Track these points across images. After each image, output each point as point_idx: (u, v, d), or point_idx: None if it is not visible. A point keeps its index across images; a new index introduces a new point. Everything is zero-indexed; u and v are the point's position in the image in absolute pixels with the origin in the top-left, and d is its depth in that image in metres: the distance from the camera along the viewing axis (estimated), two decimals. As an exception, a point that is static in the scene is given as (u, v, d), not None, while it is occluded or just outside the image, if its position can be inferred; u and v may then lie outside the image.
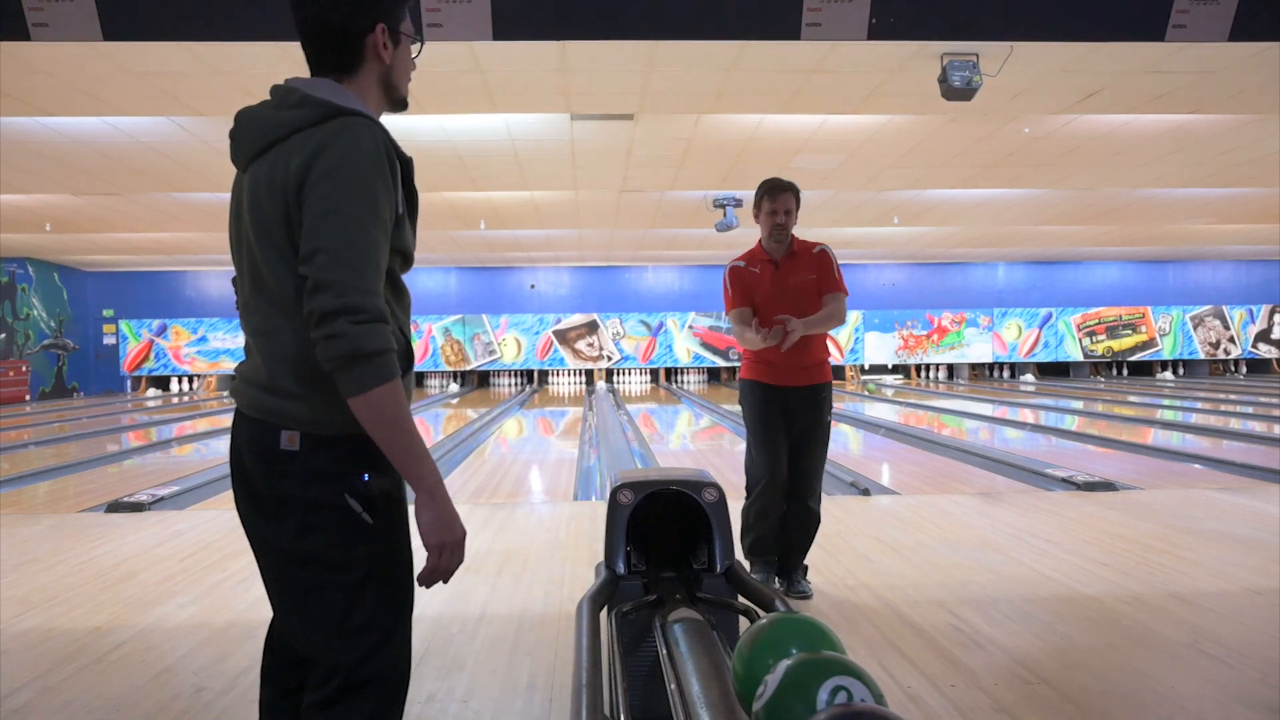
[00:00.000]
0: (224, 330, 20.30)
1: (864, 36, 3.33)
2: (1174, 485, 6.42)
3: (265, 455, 1.52)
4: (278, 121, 1.50)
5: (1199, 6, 3.31)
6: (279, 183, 1.45)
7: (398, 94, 1.63)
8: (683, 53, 6.05)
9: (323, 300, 1.38)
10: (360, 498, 1.50)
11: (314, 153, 1.43)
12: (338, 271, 1.38)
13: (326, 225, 1.40)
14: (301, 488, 1.50)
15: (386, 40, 1.56)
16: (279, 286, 1.48)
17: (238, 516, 1.64)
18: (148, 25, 3.31)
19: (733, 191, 11.90)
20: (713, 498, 2.34)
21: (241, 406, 1.59)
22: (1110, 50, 6.06)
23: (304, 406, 1.50)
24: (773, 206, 3.75)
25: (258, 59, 6.07)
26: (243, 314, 1.60)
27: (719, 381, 20.86)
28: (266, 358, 1.52)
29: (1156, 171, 10.57)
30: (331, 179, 1.41)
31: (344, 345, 1.37)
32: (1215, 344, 21.35)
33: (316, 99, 1.49)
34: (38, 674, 3.02)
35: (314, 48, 1.56)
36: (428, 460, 1.46)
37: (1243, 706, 2.60)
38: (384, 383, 1.39)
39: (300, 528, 1.51)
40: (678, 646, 1.79)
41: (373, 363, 1.38)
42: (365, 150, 1.43)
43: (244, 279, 1.58)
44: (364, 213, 1.41)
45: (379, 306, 1.40)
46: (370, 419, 1.41)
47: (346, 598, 1.51)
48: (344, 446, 1.51)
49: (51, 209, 12.22)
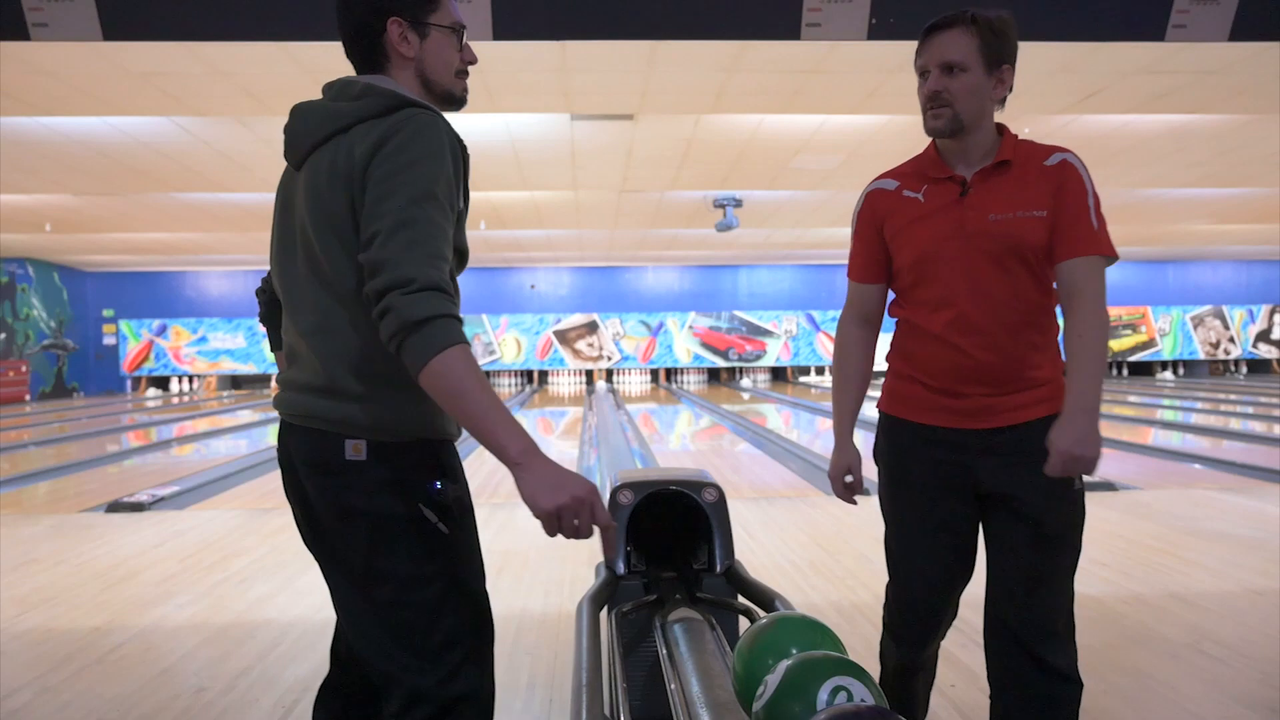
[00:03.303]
0: (224, 330, 20.29)
1: (864, 36, 3.33)
2: (1174, 485, 6.42)
3: (327, 468, 1.43)
4: (339, 112, 1.45)
5: (1199, 6, 3.31)
6: (342, 171, 1.40)
7: (439, 89, 1.54)
8: (683, 53, 6.04)
9: (376, 280, 1.31)
10: (435, 507, 1.41)
11: (378, 141, 1.38)
12: (391, 249, 1.31)
13: (383, 208, 1.34)
14: (370, 500, 1.40)
15: (406, 33, 1.49)
16: (340, 278, 1.41)
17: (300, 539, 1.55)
18: (148, 25, 3.31)
19: (733, 191, 11.90)
20: (713, 498, 2.34)
21: (291, 417, 1.49)
22: (1110, 50, 6.05)
23: (370, 410, 1.41)
24: (922, 62, 1.86)
25: (258, 59, 6.06)
26: (292, 315, 1.50)
27: (719, 382, 20.86)
28: (326, 358, 1.43)
29: (1156, 171, 10.56)
30: (393, 163, 1.36)
31: (394, 320, 1.28)
32: (1215, 344, 21.35)
33: (381, 89, 1.45)
34: (37, 674, 3.02)
35: (350, 53, 1.54)
36: (509, 426, 1.29)
37: (1243, 706, 2.60)
38: (439, 351, 1.27)
39: (371, 543, 1.41)
40: (678, 646, 1.79)
41: (422, 331, 1.27)
42: (429, 139, 1.38)
43: (294, 277, 1.49)
44: (423, 195, 1.34)
45: (432, 276, 1.30)
46: (436, 394, 1.29)
47: (425, 615, 1.42)
48: (414, 453, 1.42)
49: (51, 209, 12.21)
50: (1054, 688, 1.81)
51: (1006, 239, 1.82)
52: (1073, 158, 1.85)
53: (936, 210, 1.87)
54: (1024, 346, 1.85)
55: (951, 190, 1.87)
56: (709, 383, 20.77)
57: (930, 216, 1.88)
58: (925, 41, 1.85)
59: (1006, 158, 1.85)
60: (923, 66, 1.86)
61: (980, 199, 1.84)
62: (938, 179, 1.89)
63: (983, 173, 1.85)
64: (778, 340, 20.85)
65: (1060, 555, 1.85)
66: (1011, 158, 1.85)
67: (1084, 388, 1.74)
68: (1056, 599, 1.84)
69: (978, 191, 1.85)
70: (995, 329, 1.83)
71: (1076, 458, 1.68)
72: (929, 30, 1.85)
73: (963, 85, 1.80)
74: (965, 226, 1.84)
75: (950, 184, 1.87)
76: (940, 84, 1.81)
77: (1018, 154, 1.86)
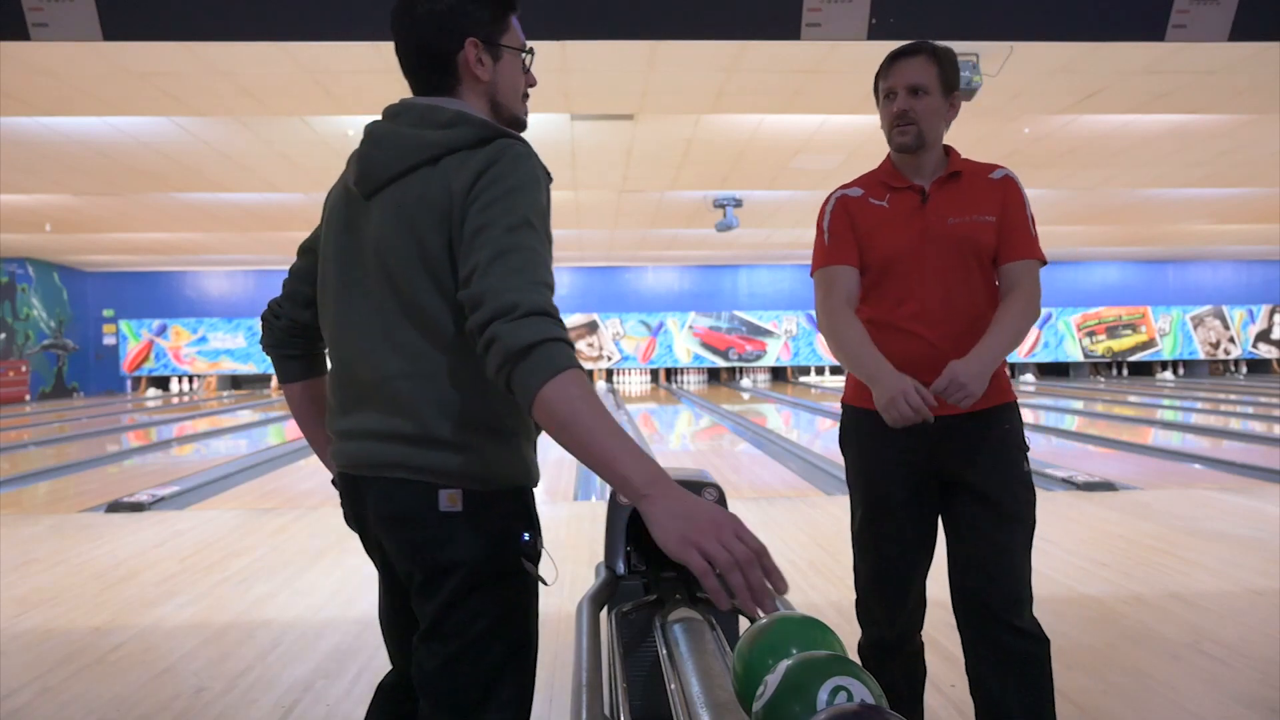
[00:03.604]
0: (224, 330, 20.31)
1: (864, 36, 3.33)
2: (1174, 485, 6.42)
3: (418, 522, 1.32)
4: (427, 142, 1.34)
5: (1199, 6, 3.31)
6: (438, 207, 1.30)
7: (507, 113, 1.46)
8: (683, 53, 6.04)
9: (479, 314, 1.21)
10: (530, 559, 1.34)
11: (476, 174, 1.29)
12: (491, 280, 1.21)
13: (480, 240, 1.25)
14: (466, 553, 1.31)
15: (481, 55, 1.40)
16: (436, 320, 1.32)
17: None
18: (148, 25, 3.30)
19: (733, 191, 11.90)
20: (712, 498, 2.34)
21: (369, 469, 1.37)
22: (1110, 50, 6.05)
23: (468, 458, 1.31)
24: (888, 84, 2.08)
25: (258, 59, 6.06)
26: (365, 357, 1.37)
27: (719, 382, 20.86)
28: (419, 404, 1.32)
29: (1156, 171, 10.57)
30: (489, 195, 1.27)
31: (499, 350, 1.17)
32: (1215, 344, 21.35)
33: (473, 118, 1.36)
34: (38, 674, 3.02)
35: (412, 72, 1.44)
36: (632, 454, 1.15)
37: (1243, 706, 2.60)
38: (549, 377, 1.15)
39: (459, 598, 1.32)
40: (678, 646, 1.79)
41: (530, 358, 1.16)
42: (525, 169, 1.31)
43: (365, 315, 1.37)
44: (520, 222, 1.26)
45: (535, 300, 1.20)
46: (548, 424, 1.17)
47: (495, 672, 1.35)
48: (509, 502, 1.35)
49: (51, 209, 12.21)
50: (1030, 647, 2.01)
51: (964, 240, 2.05)
52: (1013, 174, 2.12)
53: (900, 215, 2.09)
54: (978, 336, 1.99)
55: (912, 198, 2.09)
56: (709, 383, 20.77)
57: (895, 220, 2.09)
58: (892, 66, 2.07)
59: (957, 169, 2.09)
60: (889, 88, 2.07)
61: (939, 205, 2.07)
62: (899, 188, 2.10)
63: (938, 182, 2.08)
64: (778, 340, 20.86)
65: (1020, 532, 2.04)
66: (961, 169, 2.10)
67: (993, 346, 1.96)
68: (1020, 570, 2.03)
69: (936, 199, 2.08)
70: (953, 320, 2.04)
71: (961, 385, 1.88)
72: (895, 57, 2.07)
73: (925, 106, 2.03)
74: (927, 229, 2.06)
75: (910, 193, 2.09)
76: (907, 104, 2.03)
77: (966, 167, 2.11)
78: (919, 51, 2.06)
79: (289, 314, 1.58)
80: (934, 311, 2.04)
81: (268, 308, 1.62)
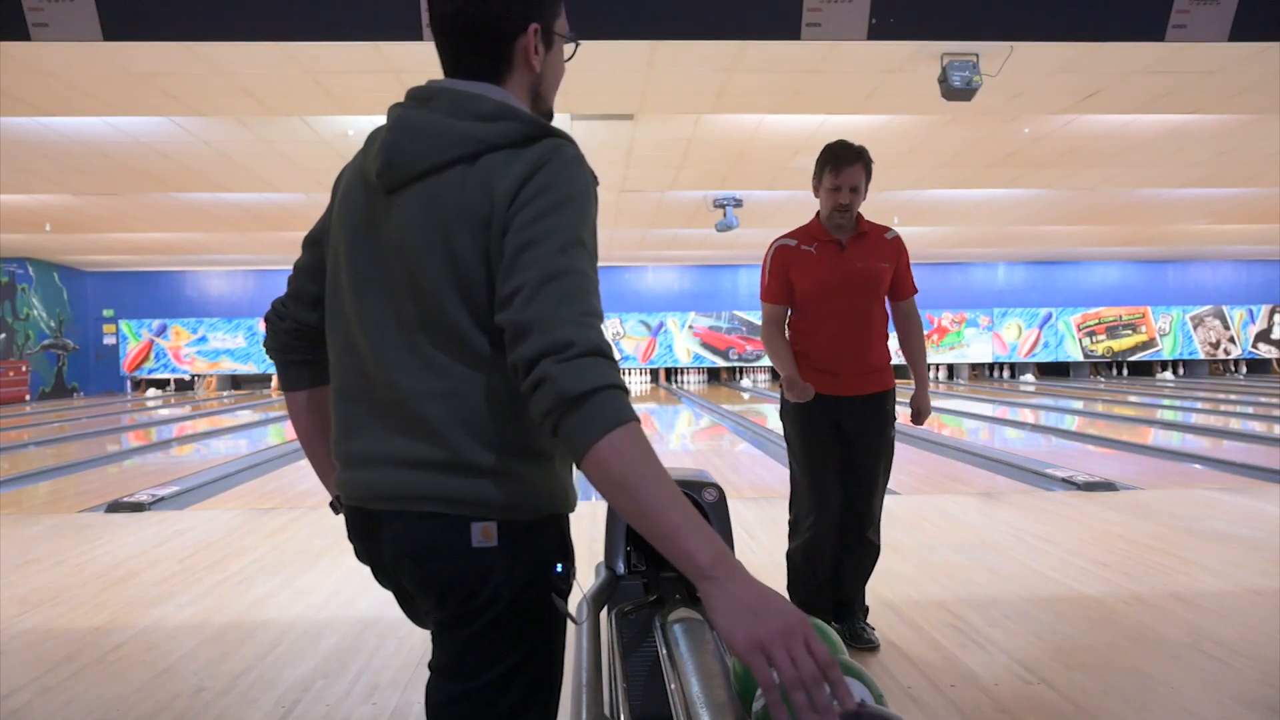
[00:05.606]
0: (224, 330, 20.31)
1: (864, 36, 3.33)
2: (1174, 485, 6.42)
3: (444, 559, 1.18)
4: (469, 135, 1.18)
5: (1199, 6, 3.31)
6: (477, 211, 1.15)
7: (544, 105, 1.31)
8: (683, 53, 6.04)
9: (525, 346, 1.07)
10: (560, 594, 1.23)
11: (522, 177, 1.14)
12: (539, 308, 1.08)
13: (526, 258, 1.11)
14: (498, 593, 1.18)
15: (538, 44, 1.25)
16: (470, 337, 1.17)
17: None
18: (148, 25, 3.30)
19: (733, 191, 11.91)
20: (713, 497, 2.34)
21: (390, 501, 1.21)
22: (1110, 50, 6.05)
23: (505, 486, 1.18)
24: (836, 181, 3.04)
25: (258, 59, 6.07)
26: (385, 373, 1.21)
27: (719, 381, 20.86)
28: (452, 427, 1.17)
29: (1156, 171, 10.57)
30: (538, 205, 1.13)
31: (551, 393, 1.04)
32: (1215, 344, 21.36)
33: (519, 112, 1.20)
34: (38, 674, 3.02)
35: (453, 48, 1.25)
36: (696, 529, 1.02)
37: (1243, 706, 2.60)
38: (606, 432, 1.03)
39: (482, 639, 1.20)
40: (678, 646, 1.79)
41: (585, 407, 1.04)
42: (576, 176, 1.16)
43: (385, 326, 1.22)
44: (572, 240, 1.12)
45: (591, 338, 1.08)
46: (602, 484, 1.05)
47: (513, 714, 1.24)
48: (544, 533, 1.23)
49: (51, 209, 12.22)
50: (873, 551, 3.23)
51: (869, 278, 3.13)
52: (899, 234, 3.23)
53: (824, 259, 3.13)
54: (873, 342, 3.16)
55: (833, 248, 3.14)
56: (709, 382, 20.78)
57: (820, 262, 3.13)
58: (839, 169, 3.05)
59: (864, 230, 3.17)
60: (837, 185, 3.06)
61: (852, 254, 3.13)
62: (824, 240, 3.15)
63: (852, 239, 3.15)
64: (778, 340, 20.84)
65: (882, 475, 3.20)
66: (867, 230, 3.17)
67: (922, 374, 3.29)
68: (879, 500, 3.22)
69: (850, 249, 3.14)
70: (859, 332, 3.14)
71: (919, 411, 3.27)
72: (842, 161, 3.05)
73: (857, 199, 3.09)
74: (844, 269, 3.11)
75: (832, 244, 3.14)
76: (848, 199, 3.06)
77: (869, 229, 3.18)
78: (858, 159, 3.06)
79: (294, 315, 1.42)
80: (849, 326, 3.13)
81: (271, 307, 1.46)
